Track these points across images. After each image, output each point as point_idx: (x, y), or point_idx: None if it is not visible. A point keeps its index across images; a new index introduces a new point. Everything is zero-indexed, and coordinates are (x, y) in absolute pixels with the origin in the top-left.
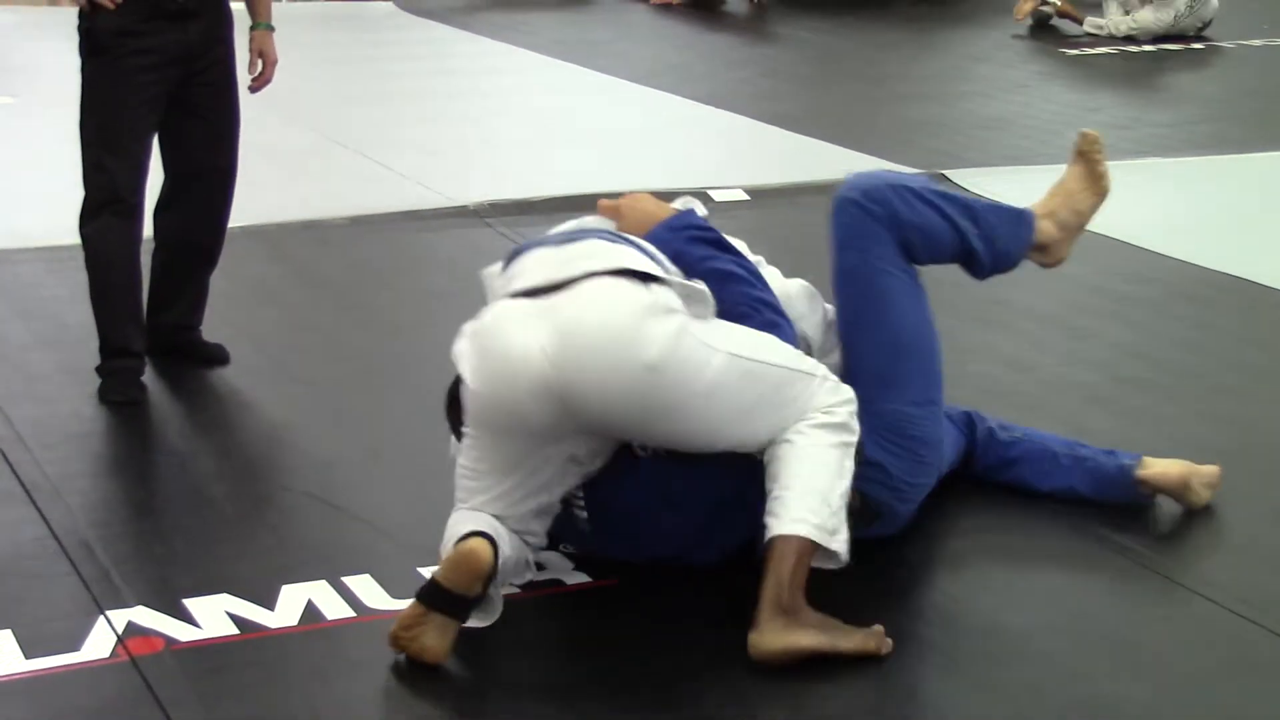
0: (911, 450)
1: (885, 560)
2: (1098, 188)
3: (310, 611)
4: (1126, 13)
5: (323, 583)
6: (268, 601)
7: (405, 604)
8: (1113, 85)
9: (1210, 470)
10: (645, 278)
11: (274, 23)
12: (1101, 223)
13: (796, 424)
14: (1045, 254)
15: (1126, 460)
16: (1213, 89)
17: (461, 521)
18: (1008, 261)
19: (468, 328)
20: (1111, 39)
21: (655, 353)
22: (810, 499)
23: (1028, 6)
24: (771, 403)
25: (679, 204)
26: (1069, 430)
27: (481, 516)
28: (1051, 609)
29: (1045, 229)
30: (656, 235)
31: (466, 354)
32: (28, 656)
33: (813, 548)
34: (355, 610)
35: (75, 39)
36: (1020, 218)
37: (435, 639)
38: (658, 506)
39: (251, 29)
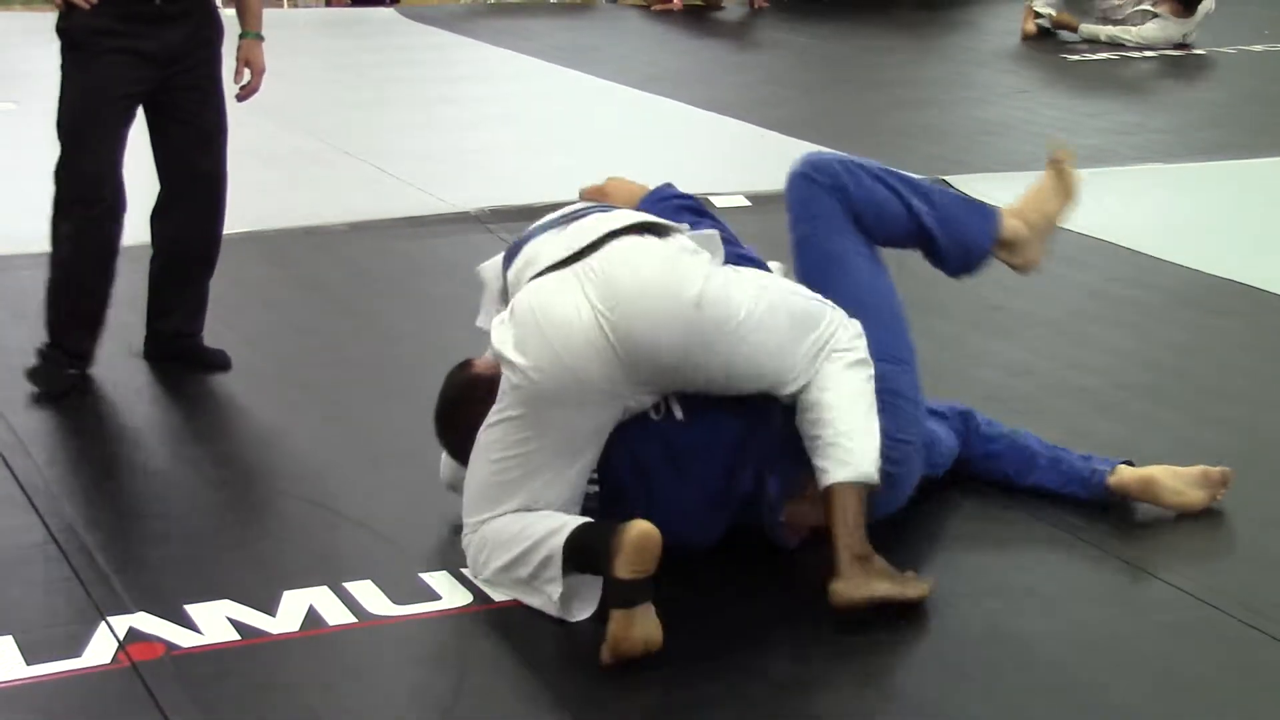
0: (889, 404)
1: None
2: (1067, 192)
3: (312, 617)
4: (1106, 21)
5: (324, 588)
6: (269, 607)
7: (407, 609)
8: (1113, 91)
9: (1194, 470)
10: (661, 230)
11: (275, 28)
12: (1102, 228)
13: (827, 366)
14: (1013, 253)
15: (1100, 466)
16: (1214, 94)
17: (530, 521)
18: (972, 253)
19: (500, 317)
20: (1111, 45)
21: (696, 289)
22: (866, 439)
23: (1030, 26)
24: (802, 331)
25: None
26: (1070, 436)
27: (549, 513)
28: (1053, 615)
29: (1012, 225)
30: (644, 207)
31: (510, 334)
32: (29, 662)
33: (867, 490)
34: (357, 616)
35: None
36: (981, 208)
37: (652, 626)
38: (668, 468)
39: (240, 37)
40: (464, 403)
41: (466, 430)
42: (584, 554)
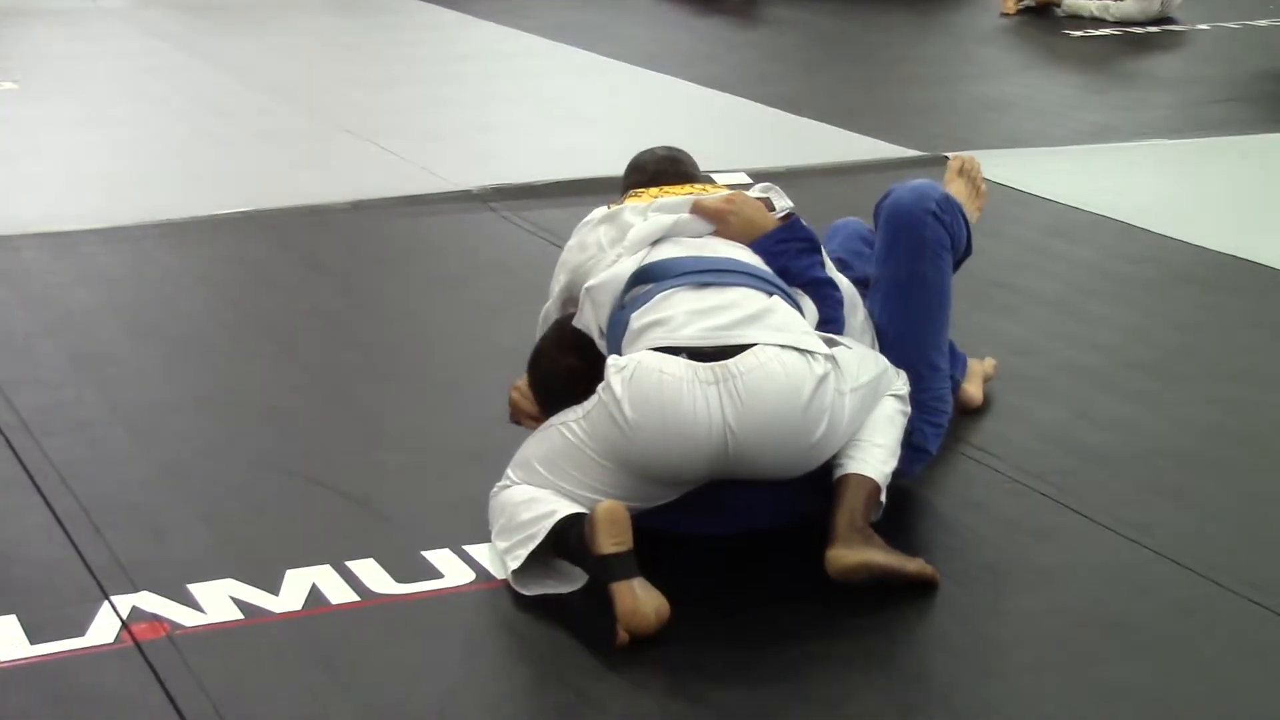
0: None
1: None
2: (979, 204)
3: (314, 595)
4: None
5: (326, 567)
6: (272, 586)
7: (410, 587)
8: (1117, 67)
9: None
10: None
11: (277, 7)
12: (1107, 205)
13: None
14: None
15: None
16: (1218, 70)
17: (541, 500)
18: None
19: (623, 373)
20: (1097, 20)
21: (819, 433)
22: (882, 452)
23: (1010, 6)
24: (872, 404)
25: (779, 206)
26: (1073, 414)
27: (564, 501)
28: (1054, 592)
29: None
30: (764, 247)
31: (627, 396)
32: (33, 642)
33: (878, 493)
34: (359, 594)
35: (79, 25)
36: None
37: (658, 596)
38: (698, 507)
39: None
40: (547, 353)
41: (547, 374)
42: (565, 539)
